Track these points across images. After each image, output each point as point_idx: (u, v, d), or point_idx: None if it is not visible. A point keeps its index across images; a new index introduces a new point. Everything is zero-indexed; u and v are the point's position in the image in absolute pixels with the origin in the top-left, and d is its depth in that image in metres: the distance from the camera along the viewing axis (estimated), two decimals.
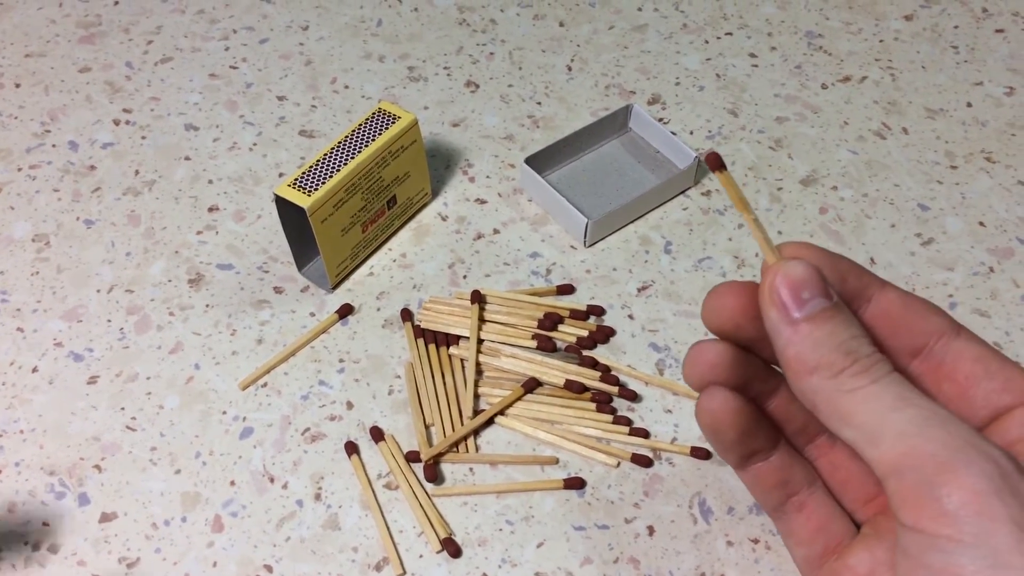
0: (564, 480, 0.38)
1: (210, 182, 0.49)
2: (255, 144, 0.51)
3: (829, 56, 0.56)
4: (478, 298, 0.43)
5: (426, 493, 0.38)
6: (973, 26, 0.58)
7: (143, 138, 0.51)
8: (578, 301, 0.45)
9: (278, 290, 0.45)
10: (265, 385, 0.41)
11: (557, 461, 0.39)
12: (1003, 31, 0.58)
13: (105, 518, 0.38)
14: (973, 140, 0.52)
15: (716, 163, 0.30)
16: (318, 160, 0.42)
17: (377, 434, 0.40)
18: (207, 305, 0.44)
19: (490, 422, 0.40)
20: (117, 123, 0.51)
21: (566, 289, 0.45)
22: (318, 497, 0.38)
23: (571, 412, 0.40)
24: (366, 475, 0.39)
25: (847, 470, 0.32)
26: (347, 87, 0.54)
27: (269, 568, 0.36)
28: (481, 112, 0.53)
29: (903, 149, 0.52)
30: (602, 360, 0.42)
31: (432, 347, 0.42)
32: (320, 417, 0.40)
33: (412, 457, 0.39)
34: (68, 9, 0.57)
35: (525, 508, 0.38)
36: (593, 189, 0.49)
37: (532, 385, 0.41)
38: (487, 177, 0.50)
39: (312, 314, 0.44)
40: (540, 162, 0.48)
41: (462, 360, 0.42)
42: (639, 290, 0.45)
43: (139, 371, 0.42)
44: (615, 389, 0.41)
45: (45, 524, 0.37)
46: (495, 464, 0.39)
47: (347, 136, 0.43)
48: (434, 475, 0.39)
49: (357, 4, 0.58)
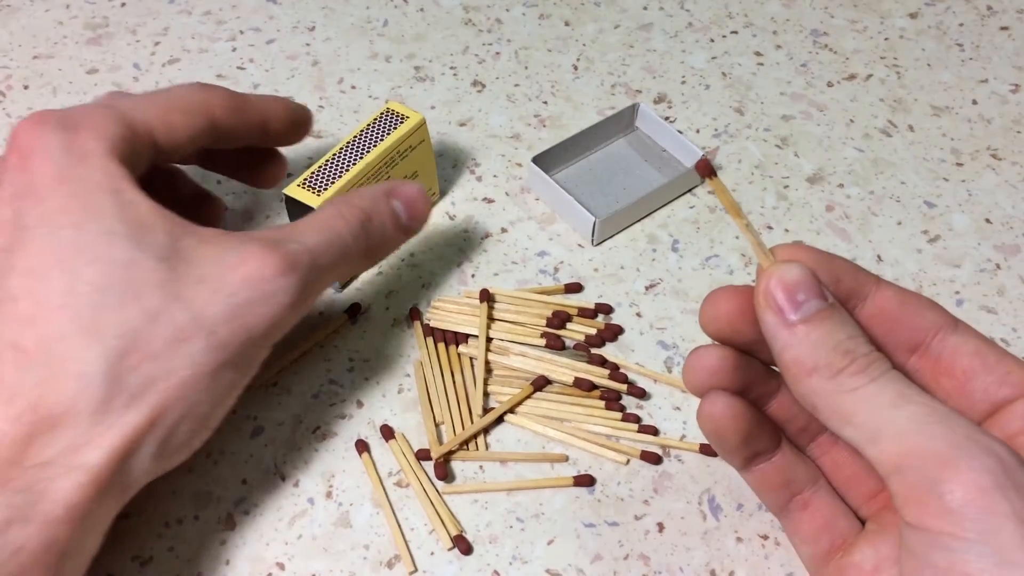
0: (574, 477, 0.39)
1: (219, 182, 0.49)
2: None
3: (835, 54, 0.57)
4: (487, 297, 0.43)
5: (436, 491, 0.38)
6: (978, 23, 0.59)
7: None
8: (586, 299, 0.45)
9: None
10: (276, 384, 0.42)
11: (567, 459, 0.40)
12: (1008, 28, 0.58)
13: (118, 517, 0.38)
14: (979, 137, 0.52)
15: (707, 169, 0.30)
16: (327, 160, 0.43)
17: (387, 432, 0.40)
18: None
19: (500, 420, 0.41)
20: None
21: (574, 287, 0.45)
22: (329, 495, 0.38)
23: (580, 410, 0.41)
24: (377, 473, 0.39)
25: (850, 467, 0.33)
26: (354, 87, 0.54)
27: (281, 566, 0.37)
28: (488, 111, 0.53)
29: (909, 147, 0.52)
30: (611, 358, 0.42)
31: (441, 346, 0.42)
32: (330, 416, 0.41)
33: (422, 455, 0.39)
34: (75, 11, 0.57)
35: (535, 505, 0.38)
36: (600, 188, 0.49)
37: (541, 383, 0.41)
38: (494, 176, 0.50)
39: (321, 313, 0.44)
40: (547, 161, 0.48)
41: (471, 358, 0.42)
42: (647, 288, 0.45)
43: None
44: (624, 387, 0.41)
45: None
46: (505, 462, 0.40)
47: (356, 136, 0.43)
48: (444, 473, 0.39)
49: (363, 4, 0.58)
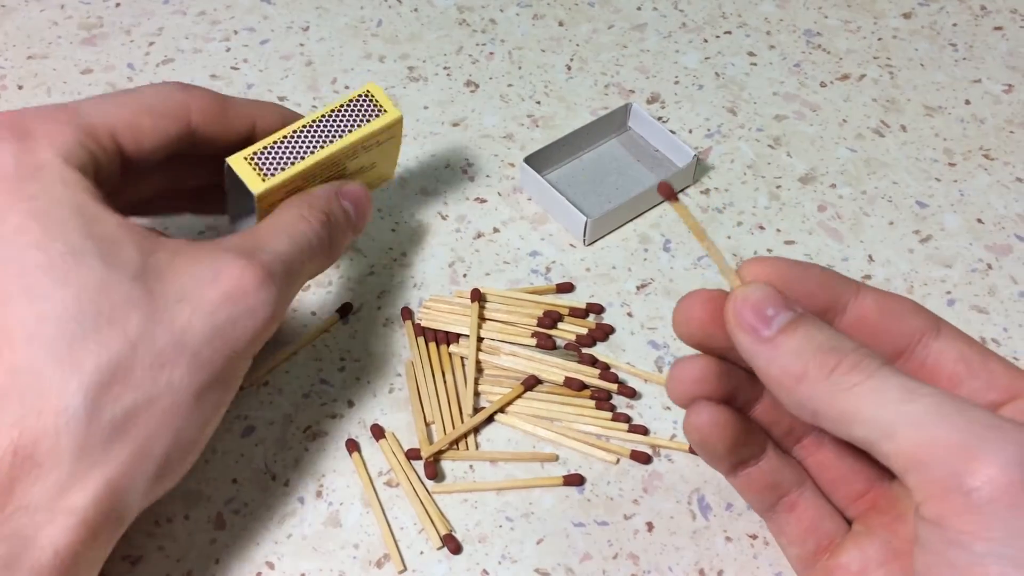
0: (564, 477, 0.39)
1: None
2: None
3: (828, 54, 0.57)
4: (478, 296, 0.44)
5: (426, 490, 0.39)
6: (972, 24, 0.59)
7: None
8: (577, 299, 0.45)
9: None
10: (267, 384, 0.42)
11: (557, 458, 0.40)
12: (1001, 28, 0.58)
13: None
14: (971, 137, 0.52)
15: (669, 193, 0.30)
16: (284, 137, 0.37)
17: (378, 432, 0.40)
18: None
19: (490, 420, 0.41)
20: None
21: (565, 287, 0.45)
22: (319, 494, 0.39)
23: (570, 409, 0.41)
24: (367, 473, 0.39)
25: (836, 469, 0.33)
26: (347, 87, 0.54)
27: (271, 565, 0.37)
28: (481, 112, 0.53)
29: (901, 147, 0.52)
30: (601, 358, 0.42)
31: (432, 345, 0.42)
32: (321, 415, 0.41)
33: (412, 455, 0.39)
34: (70, 11, 0.57)
35: (525, 505, 0.38)
36: (592, 188, 0.49)
37: (532, 383, 0.41)
38: (487, 176, 0.50)
39: (313, 313, 0.44)
40: (539, 161, 0.48)
41: (462, 358, 0.42)
42: (638, 288, 0.45)
43: None
44: (614, 386, 0.41)
45: None
46: (495, 461, 0.40)
47: (322, 117, 0.39)
48: (434, 472, 0.39)
49: (357, 5, 0.58)
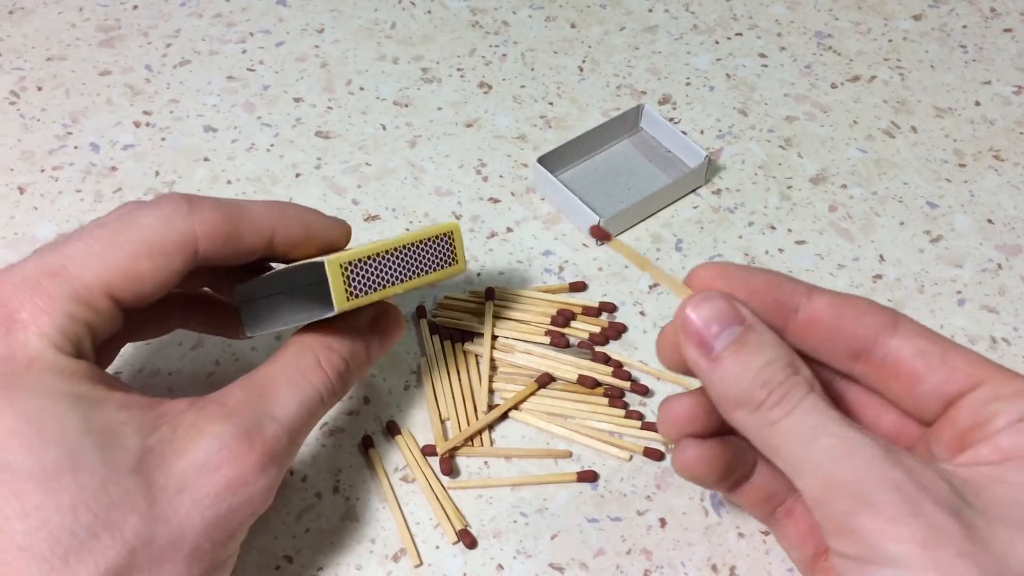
0: (577, 473, 0.39)
1: (228, 183, 0.50)
2: (272, 145, 0.52)
3: (838, 56, 0.57)
4: (492, 295, 0.44)
5: (442, 486, 0.39)
6: (981, 25, 0.59)
7: (163, 140, 0.52)
8: (590, 298, 0.45)
9: None
10: None
11: (570, 455, 0.40)
12: (1011, 30, 0.59)
13: None
14: (981, 138, 0.53)
15: (601, 234, 0.31)
16: (372, 256, 0.33)
17: (394, 428, 0.40)
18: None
19: (504, 416, 0.41)
20: (137, 125, 0.52)
21: (578, 286, 0.46)
22: (336, 490, 0.39)
23: (584, 407, 0.41)
24: (383, 468, 0.39)
25: None
26: (362, 89, 0.54)
27: (289, 559, 0.37)
28: (494, 113, 0.53)
29: (912, 148, 0.52)
30: (614, 356, 0.43)
31: (447, 343, 0.43)
32: (338, 411, 0.41)
33: (428, 451, 0.40)
34: (88, 13, 0.58)
35: (539, 500, 0.39)
36: (605, 188, 0.50)
37: (545, 380, 0.41)
38: (500, 176, 0.50)
39: None
40: (552, 161, 0.49)
41: (476, 356, 0.43)
42: (650, 287, 0.46)
43: (160, 367, 0.43)
44: (627, 384, 0.42)
45: None
46: (509, 458, 0.40)
47: (408, 246, 0.35)
48: (450, 468, 0.39)
49: (371, 7, 0.59)
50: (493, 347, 0.43)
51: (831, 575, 0.31)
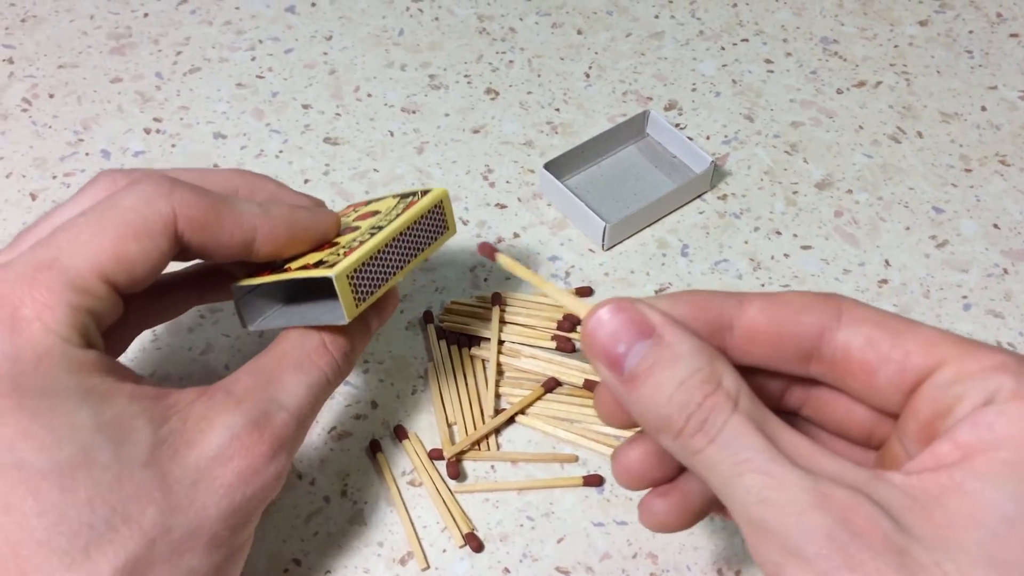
0: (583, 477, 0.39)
1: None
2: (281, 151, 0.52)
3: (844, 61, 0.57)
4: (498, 300, 0.44)
5: (449, 490, 0.39)
6: (988, 31, 0.59)
7: (173, 146, 0.52)
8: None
9: None
10: None
11: (576, 459, 0.40)
12: (1017, 35, 0.59)
13: None
14: (987, 143, 0.53)
15: (489, 251, 0.30)
16: (372, 256, 0.33)
17: (401, 432, 0.41)
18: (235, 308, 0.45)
19: (511, 421, 0.41)
20: (148, 132, 0.53)
21: (585, 291, 0.46)
22: (344, 493, 0.39)
23: (590, 411, 0.41)
24: (390, 472, 0.40)
25: None
26: (370, 95, 0.55)
27: (297, 562, 0.38)
28: (501, 119, 0.54)
29: (918, 153, 0.52)
30: None
31: (454, 348, 0.43)
32: (346, 416, 0.42)
33: (435, 455, 0.40)
34: (99, 21, 0.59)
35: (545, 504, 0.39)
36: (611, 193, 0.50)
37: (552, 385, 0.42)
38: (507, 182, 0.51)
39: None
40: (559, 167, 0.49)
41: (483, 361, 0.43)
42: (656, 292, 0.46)
43: (171, 372, 0.43)
44: None
45: None
46: (516, 462, 0.40)
47: (402, 233, 0.34)
48: (456, 472, 0.40)
49: (379, 14, 0.59)
50: (500, 352, 0.43)
51: None
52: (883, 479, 0.23)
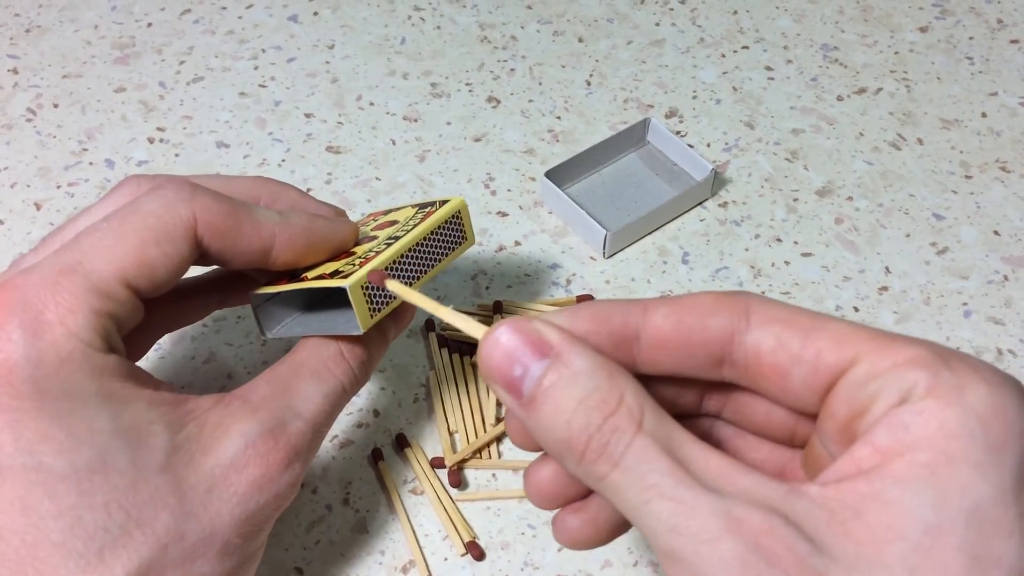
0: None
1: None
2: (283, 160, 0.52)
3: (844, 68, 0.57)
4: (500, 308, 0.45)
5: (450, 498, 0.39)
6: (988, 37, 0.59)
7: (176, 155, 0.52)
8: None
9: None
10: None
11: None
12: (1018, 41, 0.59)
13: None
14: (988, 150, 0.53)
15: (378, 278, 0.30)
16: (395, 261, 0.33)
17: (403, 441, 0.41)
18: (239, 316, 0.46)
19: None
20: (151, 141, 0.53)
21: (586, 299, 0.46)
22: (346, 502, 0.40)
23: None
24: (392, 481, 0.40)
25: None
26: (372, 104, 0.55)
27: (300, 570, 0.38)
28: (502, 127, 0.54)
29: (918, 160, 0.52)
30: None
31: (456, 356, 0.43)
32: (348, 424, 0.42)
33: (436, 463, 0.40)
34: (103, 31, 0.59)
35: (547, 512, 0.39)
36: (612, 201, 0.50)
37: None
38: (508, 190, 0.51)
39: None
40: (560, 175, 0.49)
41: None
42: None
43: (174, 380, 0.43)
44: None
45: None
46: (517, 470, 0.40)
47: (420, 242, 0.34)
48: (458, 480, 0.40)
49: (381, 23, 0.60)
50: None
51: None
52: (800, 493, 0.22)
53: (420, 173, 0.52)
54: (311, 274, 0.34)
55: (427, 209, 0.36)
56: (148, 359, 0.44)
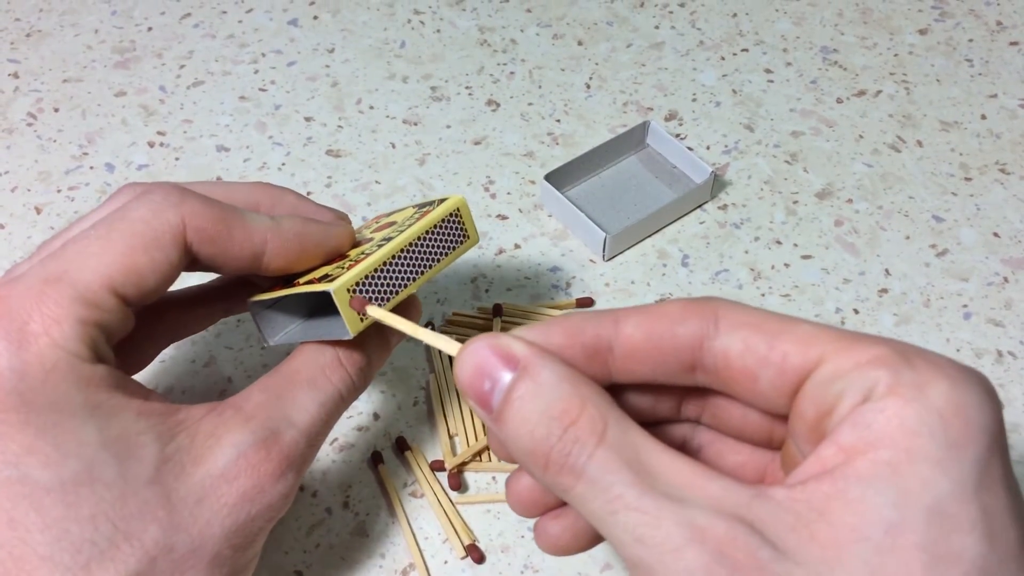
0: None
1: None
2: (283, 164, 0.52)
3: (844, 71, 0.57)
4: (500, 311, 0.45)
5: (450, 501, 0.39)
6: (988, 39, 0.59)
7: (176, 159, 0.53)
8: None
9: None
10: None
11: None
12: (1017, 44, 0.59)
13: None
14: (987, 152, 0.53)
15: (360, 305, 0.30)
16: (380, 268, 0.32)
17: (403, 444, 0.41)
18: (238, 320, 0.46)
19: None
20: (152, 145, 0.53)
21: (585, 302, 0.46)
22: (346, 505, 0.40)
23: None
24: (392, 484, 0.40)
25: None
26: (372, 107, 0.55)
27: (300, 573, 0.38)
28: (502, 130, 0.54)
29: (918, 162, 0.52)
30: None
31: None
32: (348, 428, 0.42)
33: (436, 466, 0.40)
34: (104, 36, 0.59)
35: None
36: (611, 204, 0.50)
37: None
38: (508, 193, 0.51)
39: None
40: (559, 178, 0.50)
41: None
42: (657, 303, 0.46)
43: (174, 384, 0.43)
44: None
45: None
46: None
47: (415, 242, 0.33)
48: (458, 483, 0.40)
49: (381, 27, 0.60)
50: None
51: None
52: (766, 497, 0.22)
53: (420, 176, 0.52)
54: (303, 279, 0.33)
55: (425, 208, 0.36)
56: None
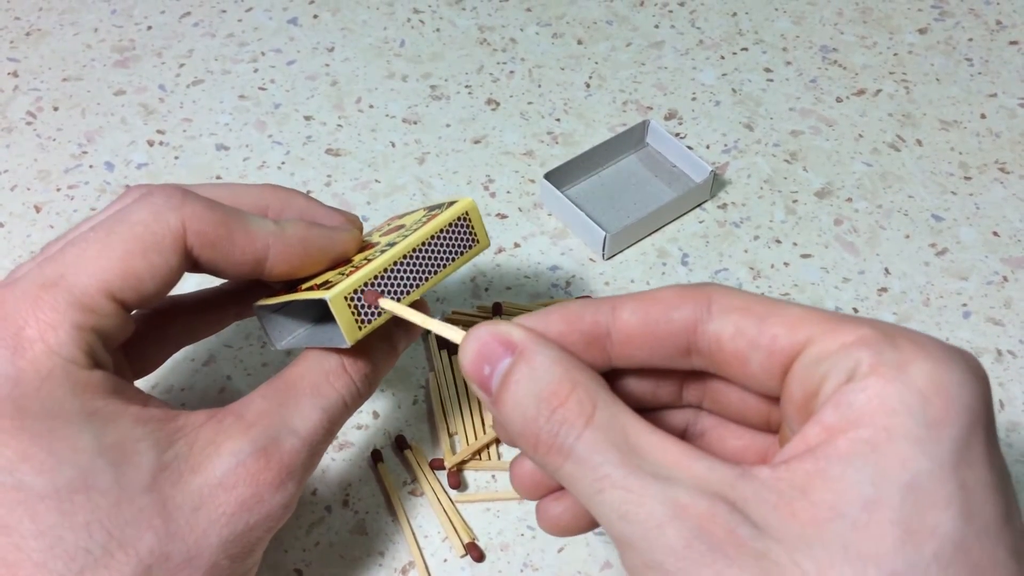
0: None
1: None
2: (283, 163, 0.52)
3: (844, 70, 0.57)
4: (499, 310, 0.45)
5: (450, 499, 0.39)
6: (987, 38, 0.59)
7: (176, 158, 0.53)
8: None
9: None
10: None
11: None
12: (1017, 43, 0.59)
13: None
14: (987, 151, 0.53)
15: (373, 298, 0.29)
16: (382, 273, 0.31)
17: (402, 443, 0.41)
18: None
19: None
20: (151, 144, 0.53)
21: None
22: (346, 503, 0.40)
23: None
24: (392, 482, 0.40)
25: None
26: (371, 106, 0.55)
27: (299, 572, 0.38)
28: (502, 129, 0.54)
29: (917, 161, 0.52)
30: None
31: (455, 358, 0.44)
32: (347, 426, 0.42)
33: (436, 465, 0.40)
34: (103, 34, 0.59)
35: None
36: (611, 203, 0.50)
37: None
38: (507, 192, 0.51)
39: None
40: (559, 177, 0.50)
41: None
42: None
43: (173, 383, 0.43)
44: None
45: None
46: None
47: (422, 245, 0.32)
48: (457, 482, 0.40)
49: (381, 25, 0.60)
50: None
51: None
52: (751, 476, 0.22)
53: (420, 175, 0.52)
54: (306, 285, 0.33)
55: (434, 211, 0.34)
56: None
